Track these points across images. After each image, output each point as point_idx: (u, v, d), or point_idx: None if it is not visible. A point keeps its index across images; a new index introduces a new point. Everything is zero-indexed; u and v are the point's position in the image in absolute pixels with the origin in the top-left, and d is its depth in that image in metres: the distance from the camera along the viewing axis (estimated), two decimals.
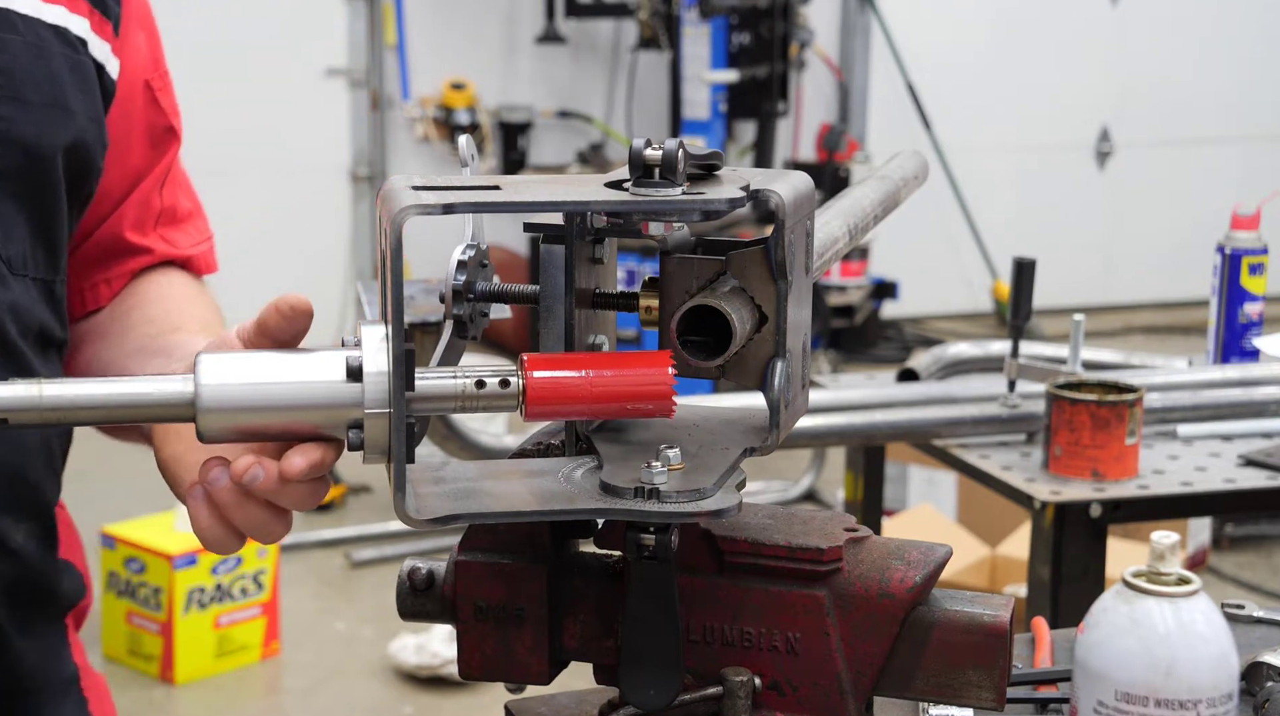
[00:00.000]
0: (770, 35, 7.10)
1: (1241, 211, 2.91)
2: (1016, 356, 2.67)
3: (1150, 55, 8.38)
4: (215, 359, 1.17)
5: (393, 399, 1.13)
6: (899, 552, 1.24)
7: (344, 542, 5.09)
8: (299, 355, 1.18)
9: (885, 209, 1.61)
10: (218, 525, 1.21)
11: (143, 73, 1.59)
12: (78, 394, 1.16)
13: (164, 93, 1.63)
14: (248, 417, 1.16)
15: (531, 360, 1.16)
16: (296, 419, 1.16)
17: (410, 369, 1.13)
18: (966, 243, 8.01)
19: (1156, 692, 1.20)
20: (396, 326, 1.12)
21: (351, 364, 1.15)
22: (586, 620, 1.27)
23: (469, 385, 1.16)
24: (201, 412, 1.16)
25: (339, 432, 1.17)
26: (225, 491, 1.20)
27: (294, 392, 1.16)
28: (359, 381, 1.14)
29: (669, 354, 1.18)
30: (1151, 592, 1.22)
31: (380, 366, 1.14)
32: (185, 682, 4.18)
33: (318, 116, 7.25)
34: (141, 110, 1.60)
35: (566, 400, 1.16)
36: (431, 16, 7.41)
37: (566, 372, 1.16)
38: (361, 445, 1.15)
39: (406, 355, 1.12)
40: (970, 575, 4.27)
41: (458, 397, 1.16)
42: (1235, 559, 4.98)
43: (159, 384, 1.17)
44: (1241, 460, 2.61)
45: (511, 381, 1.15)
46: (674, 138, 1.16)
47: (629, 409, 1.18)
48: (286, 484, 1.18)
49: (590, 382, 1.16)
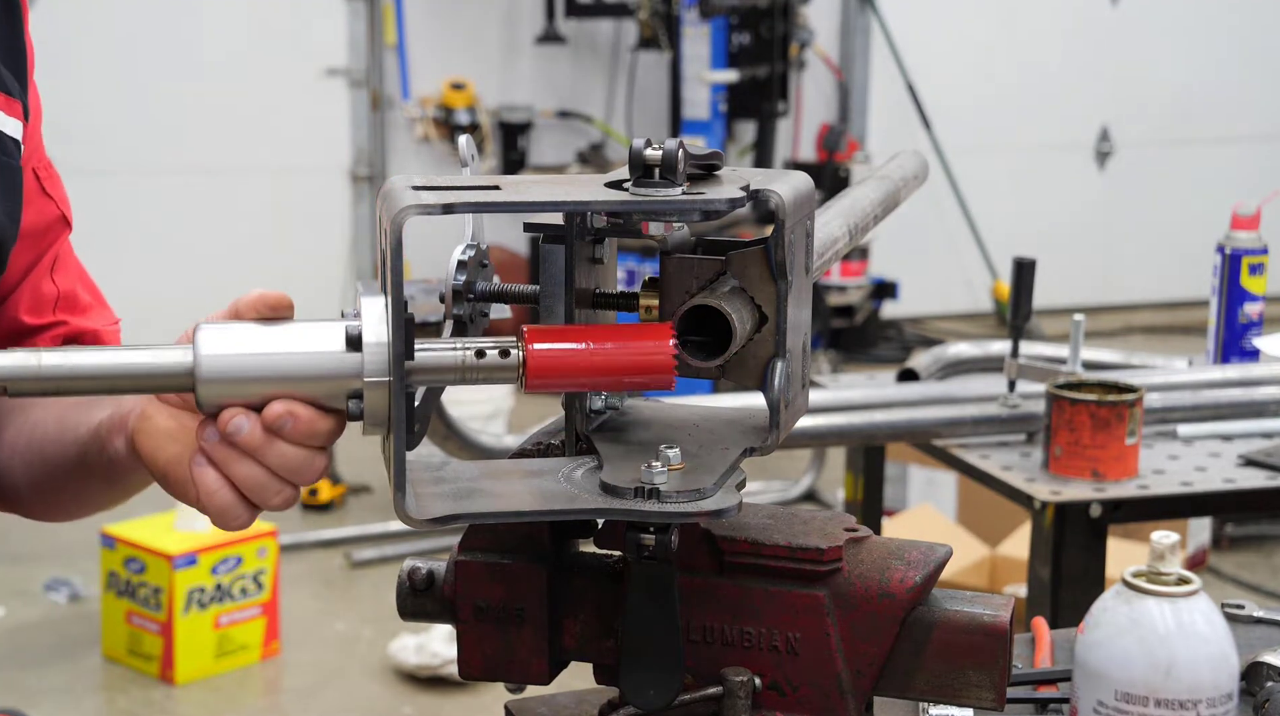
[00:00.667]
0: (770, 35, 7.10)
1: (1241, 211, 2.91)
2: (1016, 356, 2.67)
3: (1150, 55, 8.37)
4: (214, 329, 1.17)
5: (392, 367, 1.12)
6: (899, 552, 1.24)
7: (344, 542, 5.09)
8: (299, 325, 1.17)
9: (885, 209, 1.62)
10: (224, 487, 1.21)
11: (30, 161, 1.58)
12: (76, 363, 1.16)
13: (50, 181, 1.61)
14: (247, 388, 1.16)
15: (531, 332, 1.16)
16: (296, 389, 1.16)
17: (410, 338, 1.13)
18: (966, 243, 8.01)
19: (1156, 692, 1.20)
20: (397, 326, 1.12)
21: (351, 333, 1.14)
22: (586, 620, 1.27)
23: (469, 355, 1.15)
24: (201, 382, 1.15)
25: (339, 403, 1.16)
26: (221, 447, 1.19)
27: (293, 362, 1.15)
28: (359, 351, 1.14)
29: (670, 327, 1.18)
30: (1151, 592, 1.22)
31: (380, 336, 1.13)
32: (185, 683, 4.18)
33: (318, 116, 7.25)
34: (32, 197, 1.58)
35: (566, 372, 1.16)
36: (431, 16, 7.41)
37: (567, 344, 1.16)
38: (361, 415, 1.15)
39: (406, 324, 1.12)
40: (970, 575, 4.27)
41: (458, 368, 1.15)
42: (1235, 559, 4.98)
43: (158, 354, 1.17)
44: (1241, 460, 2.61)
45: (512, 352, 1.15)
46: (674, 138, 1.16)
47: (629, 381, 1.17)
48: (274, 439, 1.17)
49: (590, 354, 1.16)
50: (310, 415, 1.17)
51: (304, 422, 1.17)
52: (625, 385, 1.18)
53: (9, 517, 1.62)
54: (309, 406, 1.17)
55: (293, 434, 1.17)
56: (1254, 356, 2.88)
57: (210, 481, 1.21)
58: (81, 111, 6.49)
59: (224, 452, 1.19)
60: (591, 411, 1.29)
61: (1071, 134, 8.41)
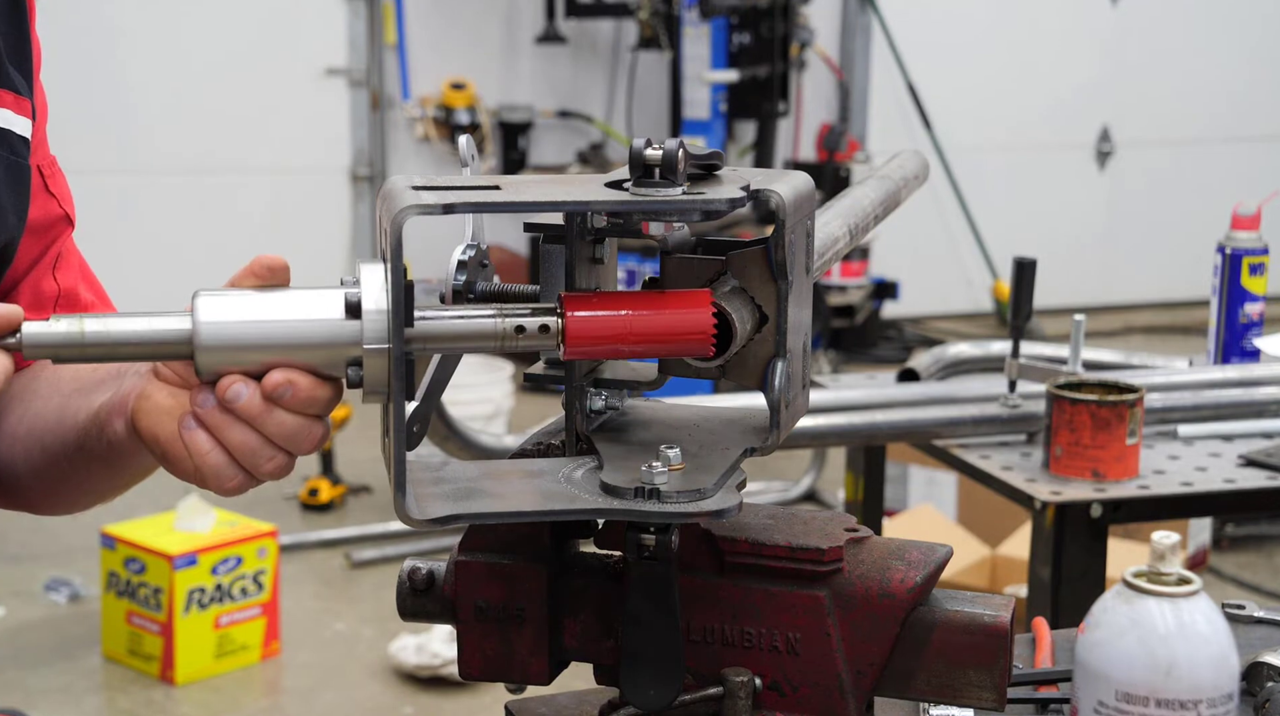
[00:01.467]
0: (770, 35, 7.10)
1: (1241, 211, 2.91)
2: (1017, 356, 2.67)
3: (1150, 55, 8.38)
4: (213, 296, 1.16)
5: (391, 335, 1.12)
6: (899, 553, 1.24)
7: (344, 542, 5.09)
8: (297, 292, 1.17)
9: (885, 209, 1.62)
10: (216, 449, 1.20)
11: (35, 159, 1.58)
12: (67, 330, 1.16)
13: (54, 179, 1.62)
14: (246, 355, 1.15)
15: (570, 299, 1.16)
16: (295, 357, 1.15)
17: (410, 305, 1.13)
18: (966, 243, 8.01)
19: (1157, 692, 1.20)
20: (397, 327, 1.12)
21: (350, 300, 1.14)
22: (586, 620, 1.27)
23: (508, 328, 1.15)
24: (200, 350, 1.15)
25: (337, 371, 1.16)
26: (215, 413, 1.18)
27: (293, 329, 1.15)
28: (358, 318, 1.14)
29: (708, 293, 1.18)
30: (1152, 592, 1.22)
31: (380, 303, 1.13)
32: (185, 683, 4.18)
33: (318, 116, 7.25)
34: (36, 194, 1.58)
35: (606, 338, 1.16)
36: (431, 16, 7.41)
37: (606, 312, 1.16)
38: (360, 382, 1.14)
39: (407, 290, 1.12)
40: (970, 575, 4.27)
41: (497, 336, 1.15)
42: (1235, 559, 4.98)
43: (156, 322, 1.16)
44: (1241, 460, 2.61)
45: (550, 325, 1.15)
46: (674, 138, 1.16)
47: (667, 347, 1.17)
48: (272, 407, 1.17)
49: (630, 320, 1.16)
50: (309, 383, 1.17)
51: (303, 391, 1.16)
52: (663, 351, 1.18)
53: (9, 517, 1.62)
54: (308, 374, 1.16)
55: (292, 402, 1.17)
56: (1254, 356, 2.88)
57: (202, 442, 1.20)
58: (81, 111, 6.49)
59: (218, 418, 1.19)
60: (591, 411, 1.29)
61: (1071, 134, 8.41)
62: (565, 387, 1.27)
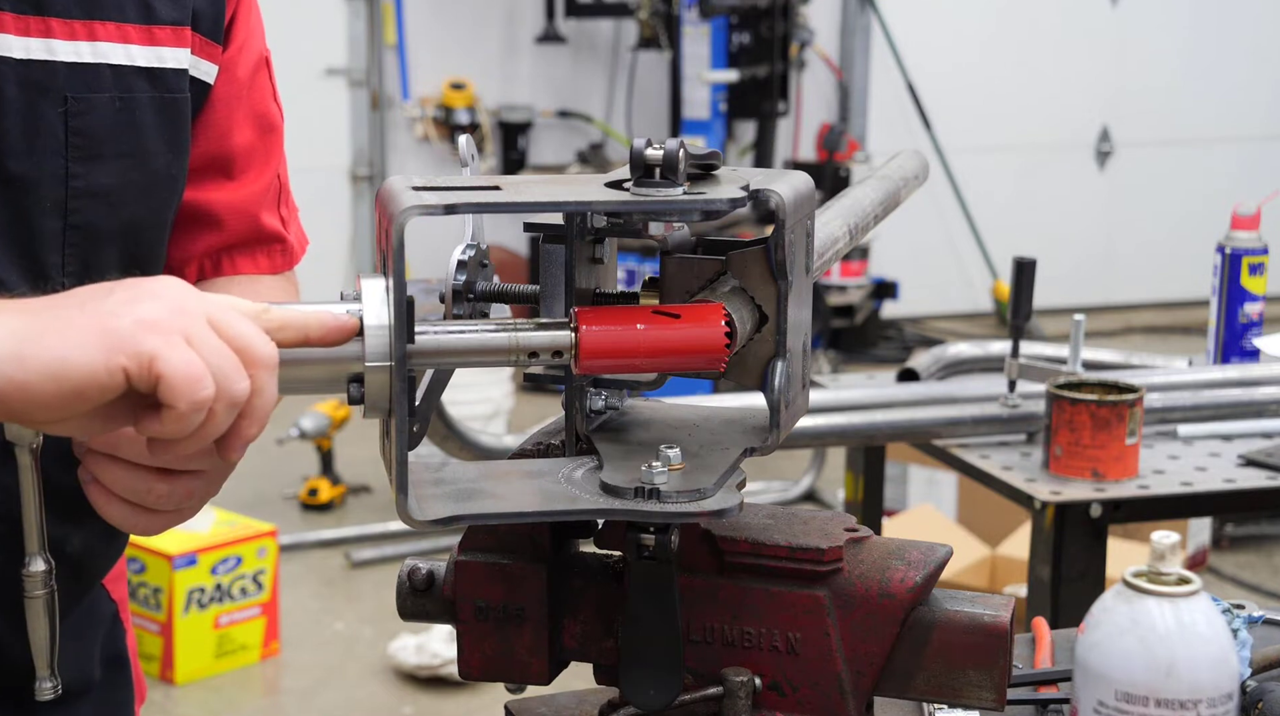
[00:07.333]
0: (770, 35, 7.11)
1: (1241, 211, 2.91)
2: (1017, 356, 2.67)
3: (1150, 55, 8.38)
4: None
5: (392, 349, 1.12)
6: (899, 552, 1.24)
7: (344, 542, 5.09)
8: (297, 308, 1.16)
9: (885, 209, 1.62)
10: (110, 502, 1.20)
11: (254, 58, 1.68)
12: None
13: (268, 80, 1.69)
14: None
15: (584, 313, 1.15)
16: (296, 372, 1.14)
17: (411, 321, 1.12)
18: (966, 243, 8.01)
19: (1157, 692, 1.20)
20: (399, 327, 1.12)
21: (351, 317, 1.14)
22: (586, 620, 1.27)
23: (518, 346, 1.15)
24: None
25: (339, 388, 1.15)
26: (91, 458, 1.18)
27: None
28: (359, 335, 1.13)
29: (721, 307, 1.18)
30: (1152, 592, 1.22)
31: (381, 319, 1.12)
32: (185, 682, 4.18)
33: (317, 116, 7.25)
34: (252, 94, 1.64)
35: (619, 352, 1.15)
36: (431, 16, 7.41)
37: (619, 326, 1.16)
38: (361, 399, 1.13)
39: (409, 307, 1.11)
40: (970, 575, 4.27)
41: (510, 350, 1.15)
42: (1235, 559, 4.98)
43: None
44: (1241, 460, 2.61)
45: (564, 349, 1.15)
46: (674, 138, 1.16)
47: (680, 362, 1.16)
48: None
49: (642, 335, 1.15)
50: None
51: None
52: (677, 366, 1.18)
53: None
54: None
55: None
56: (1254, 356, 2.88)
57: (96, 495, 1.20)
58: None
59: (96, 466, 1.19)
60: (591, 411, 1.29)
61: (1071, 134, 8.41)
62: (565, 387, 1.27)
